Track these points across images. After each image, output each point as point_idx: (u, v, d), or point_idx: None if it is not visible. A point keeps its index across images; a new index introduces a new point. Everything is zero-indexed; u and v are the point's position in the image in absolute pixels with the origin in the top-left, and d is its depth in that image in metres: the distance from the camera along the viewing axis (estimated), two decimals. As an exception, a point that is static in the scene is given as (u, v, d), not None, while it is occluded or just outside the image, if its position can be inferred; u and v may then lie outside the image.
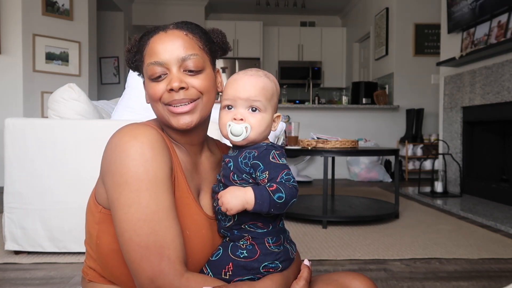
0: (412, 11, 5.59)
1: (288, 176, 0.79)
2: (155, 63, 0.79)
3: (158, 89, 0.80)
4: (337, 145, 2.86)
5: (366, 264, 2.03)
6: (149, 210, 0.72)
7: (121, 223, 0.73)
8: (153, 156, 0.75)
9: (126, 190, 0.73)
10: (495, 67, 3.51)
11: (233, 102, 0.82)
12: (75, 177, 1.96)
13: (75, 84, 2.08)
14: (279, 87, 0.88)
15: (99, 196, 0.82)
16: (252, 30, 7.78)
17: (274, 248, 0.82)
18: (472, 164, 4.01)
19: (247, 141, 0.82)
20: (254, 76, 0.83)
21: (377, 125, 5.61)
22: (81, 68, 4.82)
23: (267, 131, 0.85)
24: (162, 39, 0.81)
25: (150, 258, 0.71)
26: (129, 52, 0.87)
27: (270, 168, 0.79)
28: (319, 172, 5.39)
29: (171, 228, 0.74)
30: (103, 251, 0.82)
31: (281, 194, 0.76)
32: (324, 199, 2.73)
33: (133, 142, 0.75)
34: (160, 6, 7.34)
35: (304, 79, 7.26)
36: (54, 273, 1.84)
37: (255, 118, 0.82)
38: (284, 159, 0.81)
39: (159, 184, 0.74)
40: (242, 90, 0.81)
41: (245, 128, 0.80)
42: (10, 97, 4.28)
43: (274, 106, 0.85)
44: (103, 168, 0.79)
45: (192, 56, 0.80)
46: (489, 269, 1.97)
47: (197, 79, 0.80)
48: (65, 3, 4.64)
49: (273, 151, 0.81)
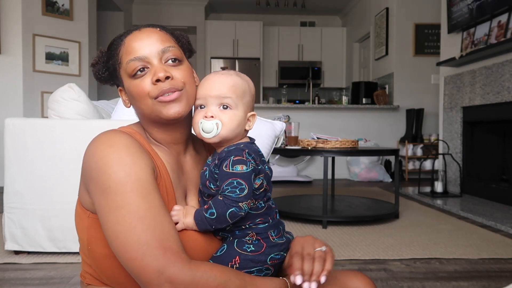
0: (412, 11, 5.59)
1: (228, 186, 0.78)
2: (135, 59, 0.79)
3: (143, 84, 0.79)
4: (337, 145, 2.86)
5: (366, 264, 2.03)
6: (140, 209, 0.72)
7: (113, 226, 0.72)
8: (132, 160, 0.75)
9: (111, 195, 0.73)
10: (495, 67, 3.51)
11: (204, 101, 0.83)
12: (75, 177, 1.94)
13: (75, 84, 2.08)
14: (253, 87, 0.89)
15: (84, 201, 0.82)
16: (252, 30, 7.78)
17: (277, 240, 0.85)
18: (472, 164, 4.01)
19: (219, 137, 0.82)
20: (224, 75, 0.85)
21: (377, 125, 5.60)
22: (81, 68, 4.81)
23: (240, 129, 0.84)
24: (138, 36, 0.81)
25: (153, 252, 0.70)
26: (97, 65, 0.87)
27: (220, 178, 0.80)
28: (319, 172, 5.39)
29: (166, 223, 0.74)
30: (96, 256, 0.82)
31: (212, 209, 0.79)
32: (324, 199, 2.73)
33: (109, 150, 0.75)
34: (160, 6, 7.34)
35: (304, 79, 7.26)
36: (54, 273, 1.84)
37: (226, 115, 0.82)
38: (240, 166, 0.79)
39: (144, 185, 0.74)
40: (212, 88, 0.83)
41: (216, 125, 0.81)
42: (10, 97, 4.28)
43: (248, 104, 0.86)
44: (85, 176, 0.79)
45: (171, 47, 0.81)
46: (489, 269, 1.97)
47: (179, 70, 0.81)
48: (65, 3, 4.64)
49: (231, 157, 0.80)
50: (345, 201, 3.36)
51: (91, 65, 0.89)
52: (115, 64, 0.84)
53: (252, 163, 0.81)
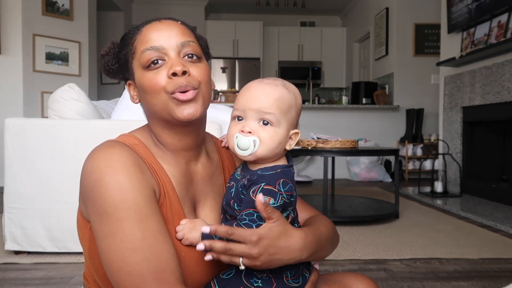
0: (412, 11, 5.59)
1: (246, 216, 0.70)
2: (151, 48, 0.74)
3: (158, 77, 0.73)
4: (337, 145, 2.86)
5: (366, 264, 2.03)
6: (136, 238, 0.67)
7: (108, 253, 0.68)
8: (130, 183, 0.69)
9: (107, 220, 0.68)
10: (495, 67, 3.51)
11: (242, 113, 0.74)
12: (75, 177, 1.94)
13: (75, 84, 2.08)
14: (300, 101, 0.79)
15: (85, 213, 0.77)
16: (252, 30, 7.78)
17: (292, 282, 0.76)
18: (472, 164, 4.01)
19: (255, 156, 0.74)
20: (269, 84, 0.75)
21: (377, 125, 5.60)
22: (81, 68, 4.82)
23: (279, 148, 0.75)
24: (157, 26, 0.76)
25: (148, 285, 0.66)
26: (106, 56, 0.82)
27: (244, 203, 0.72)
28: (319, 172, 5.39)
29: (163, 252, 0.68)
30: (97, 268, 0.77)
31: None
32: (324, 199, 2.73)
33: (107, 171, 0.70)
34: (160, 6, 7.34)
35: (304, 79, 7.26)
36: (54, 273, 1.84)
37: (266, 132, 0.73)
38: (267, 198, 0.70)
39: (141, 210, 0.69)
40: (254, 100, 0.73)
41: (253, 142, 0.72)
42: (10, 97, 4.28)
43: (291, 121, 0.76)
44: (83, 192, 0.74)
45: (191, 42, 0.76)
46: (489, 269, 1.97)
47: (197, 67, 0.75)
48: (65, 3, 4.64)
49: (262, 184, 0.71)
50: (345, 201, 3.36)
51: (100, 56, 0.83)
52: (127, 55, 0.78)
53: (284, 197, 0.71)
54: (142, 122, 0.86)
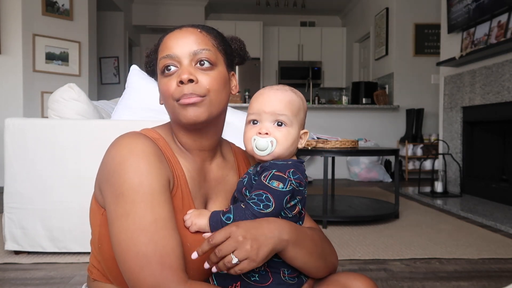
0: (412, 11, 5.59)
1: (255, 196, 0.75)
2: (166, 57, 0.79)
3: (169, 84, 0.79)
4: (337, 145, 2.86)
5: (366, 264, 2.03)
6: (146, 220, 0.72)
7: (118, 233, 0.72)
8: (149, 169, 0.75)
9: (122, 202, 0.73)
10: (495, 67, 3.51)
11: (258, 116, 0.80)
12: (75, 177, 1.96)
13: (75, 84, 2.08)
14: (306, 104, 0.87)
15: (99, 198, 0.82)
16: (252, 30, 7.78)
17: (288, 279, 0.79)
18: (472, 164, 4.01)
19: (272, 156, 0.79)
20: (280, 90, 0.83)
21: (377, 125, 5.61)
22: (81, 68, 4.82)
23: (293, 147, 0.82)
24: (175, 35, 0.81)
25: (151, 267, 0.69)
26: (148, 57, 0.89)
27: (254, 186, 0.77)
28: (319, 172, 5.38)
29: (170, 237, 0.73)
30: (105, 254, 0.81)
31: (230, 214, 0.75)
32: (324, 199, 2.73)
33: (129, 156, 0.75)
34: (160, 6, 7.34)
35: (304, 79, 7.26)
36: (54, 273, 1.84)
37: (281, 132, 0.80)
38: (276, 183, 0.75)
39: (155, 195, 0.74)
40: (268, 104, 0.80)
41: (271, 142, 0.78)
42: (10, 97, 4.28)
43: (301, 122, 0.84)
44: (102, 176, 0.79)
45: (204, 50, 0.79)
46: (489, 269, 1.97)
47: (207, 76, 0.79)
48: (65, 3, 4.64)
49: (273, 170, 0.77)
50: (345, 201, 3.36)
51: (145, 56, 0.90)
52: (155, 60, 0.85)
53: (293, 183, 0.76)
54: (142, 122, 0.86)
